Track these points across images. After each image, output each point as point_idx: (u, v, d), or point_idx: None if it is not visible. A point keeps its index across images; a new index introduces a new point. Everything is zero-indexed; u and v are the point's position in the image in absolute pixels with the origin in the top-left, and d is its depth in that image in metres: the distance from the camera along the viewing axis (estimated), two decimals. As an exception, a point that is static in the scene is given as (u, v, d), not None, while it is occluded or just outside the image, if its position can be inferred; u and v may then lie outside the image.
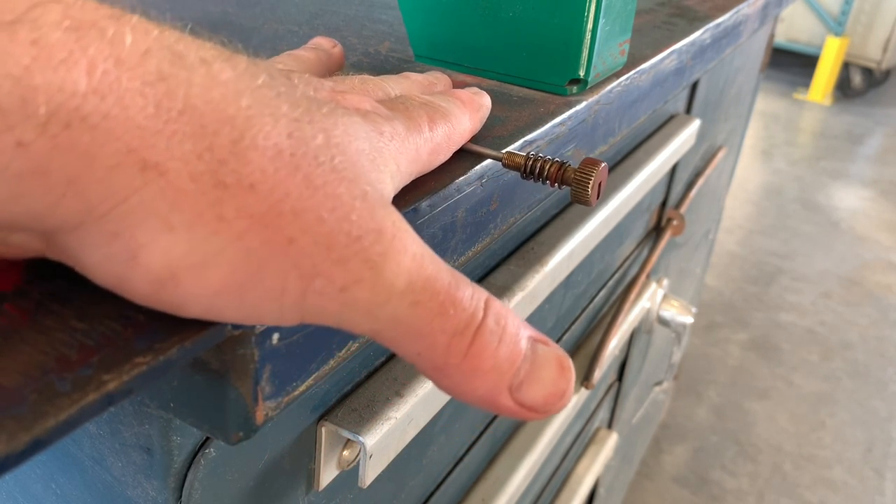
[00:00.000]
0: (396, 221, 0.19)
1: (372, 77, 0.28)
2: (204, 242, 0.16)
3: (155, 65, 0.16)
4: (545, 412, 0.20)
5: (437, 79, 0.33)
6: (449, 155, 0.27)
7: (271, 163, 0.17)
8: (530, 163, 0.27)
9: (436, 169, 0.28)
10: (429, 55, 0.40)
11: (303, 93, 0.20)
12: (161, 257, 0.16)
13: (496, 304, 0.20)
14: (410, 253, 0.18)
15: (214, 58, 0.17)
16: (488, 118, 0.34)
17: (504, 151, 0.28)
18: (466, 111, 0.28)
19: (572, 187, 0.27)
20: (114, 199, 0.15)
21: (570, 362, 0.21)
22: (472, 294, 0.19)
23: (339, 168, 0.18)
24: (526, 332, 0.21)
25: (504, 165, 0.28)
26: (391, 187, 0.21)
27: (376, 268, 0.18)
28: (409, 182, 0.25)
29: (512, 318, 0.20)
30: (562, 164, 0.27)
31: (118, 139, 0.15)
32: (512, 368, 0.20)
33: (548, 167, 0.27)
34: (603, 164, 0.27)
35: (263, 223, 0.16)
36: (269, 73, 0.19)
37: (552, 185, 0.27)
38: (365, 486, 0.32)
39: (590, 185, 0.26)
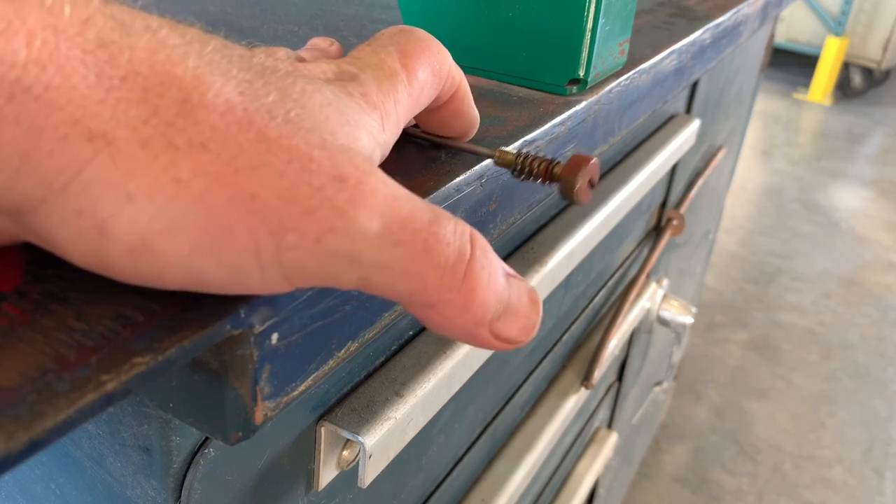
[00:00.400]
0: (361, 165, 0.18)
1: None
2: (166, 207, 0.16)
3: (95, 33, 0.16)
4: (517, 344, 0.21)
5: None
6: (442, 81, 0.26)
7: (222, 119, 0.17)
8: (520, 160, 0.27)
9: (434, 169, 0.28)
10: (428, 55, 0.40)
11: (259, 61, 0.20)
12: (128, 227, 0.16)
13: (480, 237, 0.20)
14: (381, 195, 0.18)
15: (161, 26, 0.18)
16: (488, 118, 0.34)
17: (497, 150, 0.28)
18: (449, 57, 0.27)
19: (560, 184, 0.26)
20: (68, 173, 0.15)
21: (538, 295, 0.21)
22: (454, 228, 0.19)
23: (294, 120, 0.18)
24: (501, 264, 0.21)
25: (495, 163, 0.28)
26: (367, 143, 0.21)
27: (345, 214, 0.17)
28: (406, 123, 0.25)
29: (491, 249, 0.20)
30: (551, 161, 0.27)
31: (62, 109, 0.15)
32: (497, 303, 0.20)
33: (537, 165, 0.27)
34: (592, 160, 0.26)
35: (222, 181, 0.16)
36: (224, 43, 0.19)
37: (544, 183, 0.27)
38: (364, 487, 0.32)
39: (577, 182, 0.26)
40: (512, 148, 0.31)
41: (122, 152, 0.16)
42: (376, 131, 0.22)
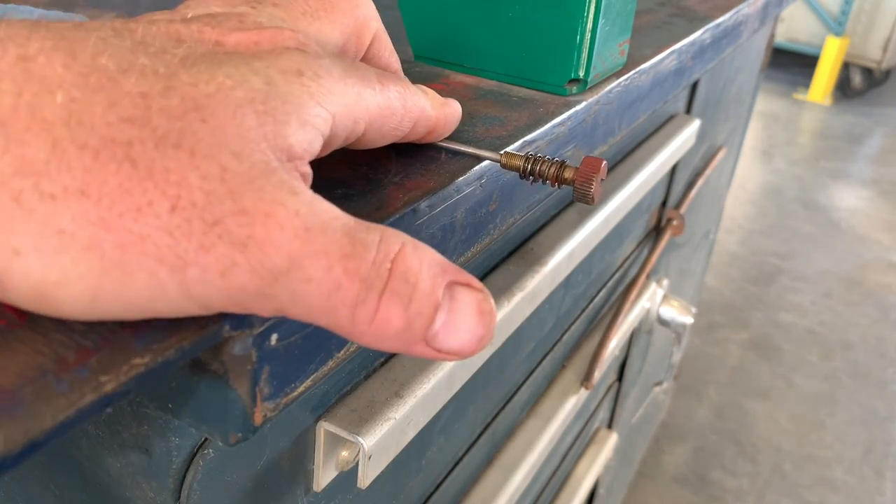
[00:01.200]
0: (268, 195, 0.17)
1: None
2: (55, 259, 0.15)
3: None
4: (462, 356, 0.20)
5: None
6: (405, 129, 0.25)
7: (97, 160, 0.16)
8: (529, 163, 0.27)
9: (434, 170, 0.28)
10: (428, 55, 0.40)
11: (178, 55, 0.18)
12: (22, 280, 0.16)
13: (406, 259, 0.19)
14: (290, 228, 0.17)
15: (41, 50, 0.16)
16: (488, 118, 0.34)
17: (502, 152, 0.28)
18: (427, 98, 0.26)
19: (574, 187, 0.26)
20: None
21: (491, 305, 0.20)
22: (374, 257, 0.18)
23: (188, 145, 0.17)
24: (444, 280, 0.19)
25: (502, 166, 0.28)
26: (302, 137, 0.19)
27: (248, 251, 0.16)
28: (359, 133, 0.23)
29: (427, 268, 0.19)
30: (561, 163, 0.27)
31: None
32: (426, 324, 0.19)
33: (546, 167, 0.27)
34: (603, 162, 0.27)
35: (107, 227, 0.16)
36: (128, 46, 0.18)
37: (553, 186, 0.27)
38: (364, 487, 0.32)
39: (592, 185, 0.26)
40: (513, 149, 0.31)
41: None
42: (320, 121, 0.20)
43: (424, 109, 0.26)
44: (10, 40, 0.16)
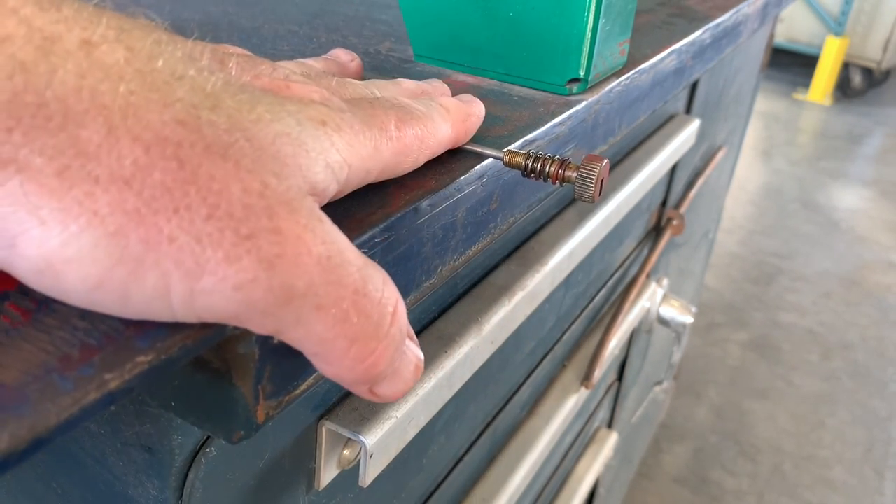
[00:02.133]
0: (302, 219, 0.18)
1: (354, 80, 0.27)
2: (77, 237, 0.16)
3: (12, 53, 0.15)
4: (384, 401, 0.21)
5: (434, 87, 0.32)
6: (422, 160, 0.26)
7: (147, 155, 0.16)
8: (531, 161, 0.27)
9: (436, 168, 0.28)
10: (429, 55, 0.40)
11: (221, 78, 0.19)
12: (37, 249, 0.16)
13: (401, 306, 0.20)
14: (315, 254, 0.18)
15: (104, 39, 0.17)
16: (488, 118, 0.34)
17: (505, 150, 0.28)
18: (449, 119, 0.27)
19: (575, 185, 0.27)
20: None
21: (423, 364, 0.22)
22: (380, 299, 0.19)
23: (235, 157, 0.17)
24: (406, 332, 0.21)
25: (505, 164, 0.28)
26: (324, 177, 0.20)
27: (272, 268, 0.17)
28: (370, 181, 0.24)
29: (406, 319, 0.20)
30: (563, 161, 0.27)
31: None
32: (388, 372, 0.20)
33: (549, 165, 0.27)
34: (605, 161, 0.27)
35: (139, 220, 0.16)
36: (179, 55, 0.18)
37: (554, 183, 0.27)
38: (365, 486, 0.32)
39: (594, 182, 0.26)
40: (514, 148, 0.31)
41: (35, 180, 0.15)
42: (338, 167, 0.21)
43: (443, 139, 0.27)
44: (74, 21, 0.16)
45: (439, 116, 0.27)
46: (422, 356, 0.22)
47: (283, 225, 0.17)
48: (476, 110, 0.30)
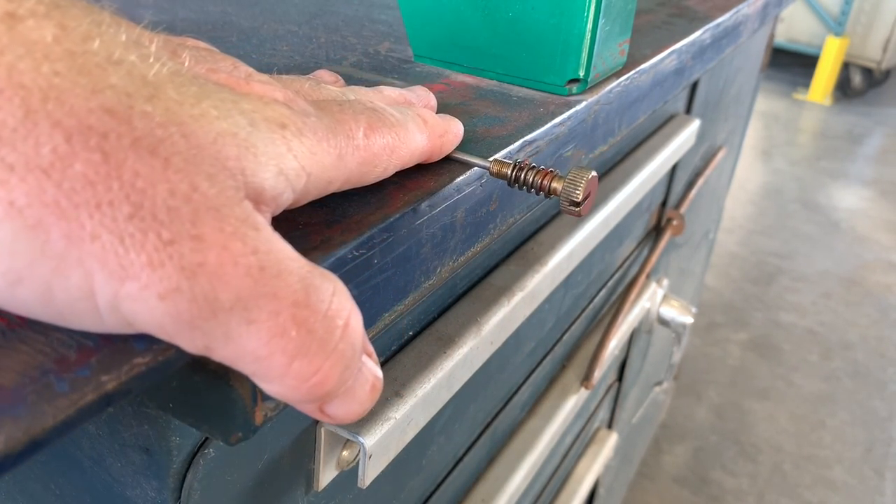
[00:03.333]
0: (229, 227, 0.16)
1: (329, 85, 0.25)
2: None
3: None
4: (337, 422, 0.20)
5: (417, 95, 0.30)
6: (391, 171, 0.25)
7: (69, 143, 0.15)
8: (517, 172, 0.26)
9: (435, 169, 0.28)
10: (428, 55, 0.40)
11: (169, 67, 0.17)
12: None
13: (354, 320, 0.18)
14: (243, 265, 0.16)
15: (31, 13, 0.15)
16: (488, 118, 0.34)
17: (491, 159, 0.27)
18: (425, 131, 0.26)
19: (561, 198, 0.25)
20: None
21: (381, 383, 0.20)
22: (326, 311, 0.17)
23: (164, 154, 0.16)
24: (363, 349, 0.19)
25: (490, 174, 0.27)
26: (275, 184, 0.18)
27: (194, 278, 0.16)
28: (332, 191, 0.22)
29: (361, 334, 0.19)
30: (550, 172, 0.26)
31: None
32: (338, 391, 0.19)
33: (535, 177, 0.26)
34: (592, 173, 0.25)
35: (59, 213, 0.15)
36: (123, 40, 0.17)
37: (538, 194, 0.26)
38: (364, 487, 0.32)
39: (580, 197, 0.25)
40: (511, 149, 0.31)
41: None
42: (294, 175, 0.19)
43: (416, 150, 0.25)
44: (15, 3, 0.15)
45: (414, 125, 0.25)
46: (380, 374, 0.20)
47: (206, 232, 0.16)
48: (454, 128, 0.28)
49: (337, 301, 0.18)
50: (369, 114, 0.23)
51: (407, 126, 0.25)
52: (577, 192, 0.25)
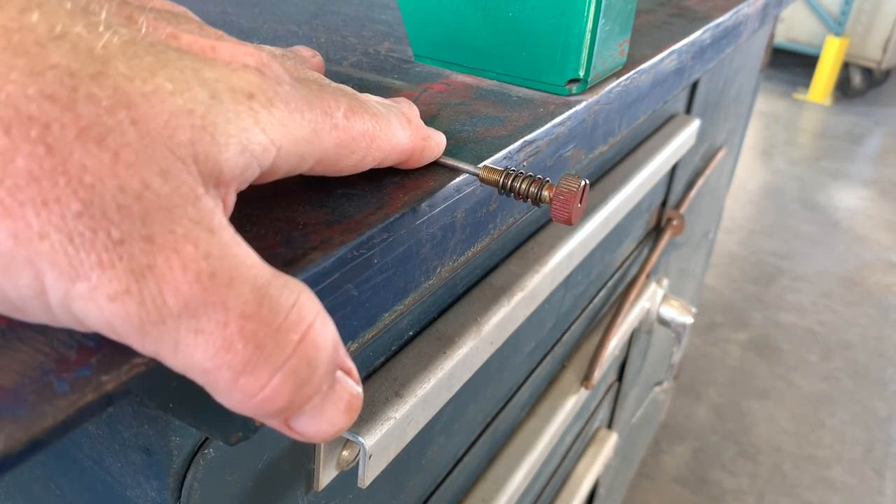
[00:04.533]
0: (180, 228, 0.15)
1: (314, 71, 0.24)
2: None
3: None
4: (310, 440, 0.19)
5: (399, 104, 0.28)
6: (368, 163, 0.23)
7: (8, 137, 0.14)
8: (507, 179, 0.26)
9: (434, 169, 0.28)
10: (428, 55, 0.40)
11: (122, 36, 0.16)
12: None
13: (315, 333, 0.17)
14: (193, 270, 0.15)
15: None
16: (488, 118, 0.34)
17: (481, 166, 0.27)
18: (408, 129, 0.25)
19: (551, 206, 0.25)
20: None
21: (359, 402, 0.19)
22: (279, 325, 0.16)
23: (113, 146, 0.15)
24: (335, 365, 0.18)
25: (480, 181, 0.27)
26: (237, 162, 0.17)
27: (143, 280, 0.15)
28: (304, 169, 0.21)
29: (327, 350, 0.18)
30: (539, 180, 0.25)
31: None
32: (300, 408, 0.17)
33: (525, 185, 0.25)
34: (583, 181, 0.25)
35: (4, 212, 0.14)
36: (68, 8, 0.15)
37: (525, 201, 0.26)
38: (364, 487, 0.32)
39: (570, 205, 0.24)
40: (511, 149, 0.31)
41: None
42: (260, 150, 0.18)
43: (397, 145, 0.24)
44: None
45: (397, 121, 0.24)
46: (358, 391, 0.19)
47: (156, 233, 0.15)
48: (437, 137, 0.27)
49: (295, 313, 0.17)
50: (350, 98, 0.22)
51: (389, 119, 0.24)
52: (568, 200, 0.24)
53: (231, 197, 0.18)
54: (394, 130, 0.24)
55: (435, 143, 0.27)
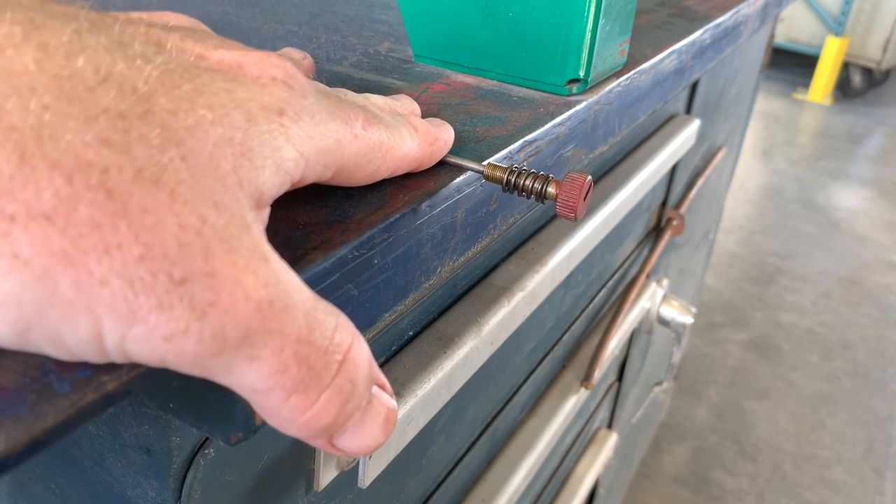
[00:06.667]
0: (241, 259, 0.16)
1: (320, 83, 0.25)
2: (0, 282, 0.14)
3: None
4: (352, 456, 0.20)
5: (402, 104, 0.29)
6: (382, 173, 0.24)
7: (70, 186, 0.14)
8: (512, 176, 0.26)
9: (435, 169, 0.28)
10: (429, 55, 0.40)
11: (158, 66, 0.16)
12: None
13: (354, 353, 0.18)
14: (255, 300, 0.16)
15: (9, 40, 0.14)
16: (488, 118, 0.34)
17: (485, 163, 0.27)
18: (416, 138, 0.26)
19: (556, 202, 0.25)
20: None
21: (396, 416, 0.20)
22: (327, 346, 0.17)
23: (169, 184, 0.15)
24: (372, 381, 0.19)
25: (485, 178, 0.27)
26: (274, 181, 0.18)
27: (205, 318, 0.15)
28: (326, 178, 0.22)
29: (365, 367, 0.18)
30: (544, 177, 0.26)
31: None
32: (343, 424, 0.18)
33: (530, 182, 0.26)
34: (588, 177, 0.25)
35: (67, 261, 0.14)
36: (105, 45, 0.16)
37: (529, 198, 0.26)
38: (365, 487, 0.32)
39: (575, 202, 0.25)
40: (511, 149, 0.31)
41: None
42: (292, 165, 0.19)
43: (407, 156, 0.25)
44: None
45: (407, 132, 0.25)
46: (394, 405, 0.20)
47: (219, 267, 0.15)
48: (444, 135, 0.28)
49: (339, 336, 0.18)
50: (365, 111, 0.23)
51: (400, 130, 0.25)
52: (573, 196, 0.25)
53: (266, 214, 0.19)
54: (404, 141, 0.25)
55: (443, 142, 0.27)
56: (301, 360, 0.17)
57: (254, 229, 0.17)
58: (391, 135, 0.24)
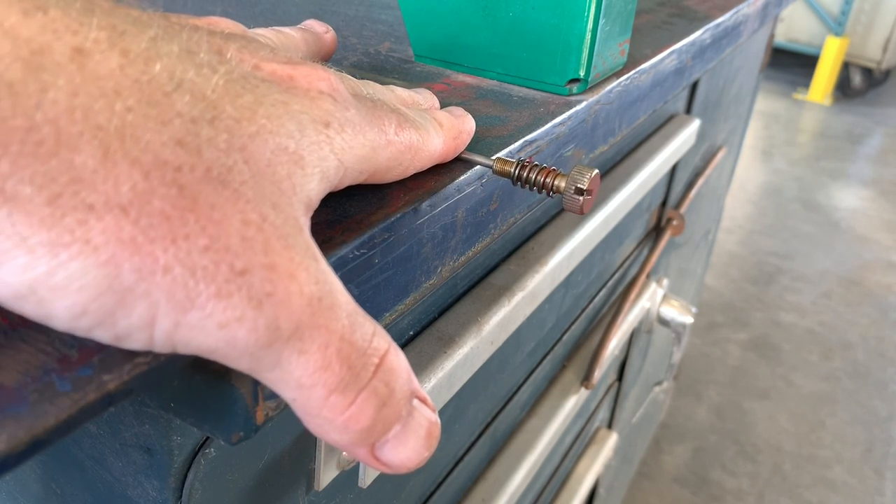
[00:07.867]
0: (297, 256, 0.17)
1: (350, 77, 0.26)
2: (66, 265, 0.14)
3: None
4: (397, 471, 0.20)
5: (423, 97, 0.31)
6: (411, 171, 0.26)
7: (147, 181, 0.15)
8: (520, 170, 0.27)
9: (435, 169, 0.28)
10: (429, 55, 0.40)
11: (223, 75, 0.18)
12: (20, 275, 0.15)
13: (391, 359, 0.19)
14: (307, 296, 0.17)
15: (97, 45, 0.15)
16: (488, 118, 0.34)
17: (494, 158, 0.28)
18: (442, 134, 0.27)
19: (564, 196, 0.26)
20: None
21: (438, 430, 0.20)
22: (366, 348, 0.18)
23: (234, 184, 0.16)
24: (411, 392, 0.20)
25: (494, 172, 0.28)
26: (319, 189, 0.19)
27: (261, 308, 0.16)
28: (360, 181, 0.23)
29: (402, 375, 0.19)
30: (552, 171, 0.26)
31: None
32: (384, 432, 0.19)
33: (538, 175, 0.26)
34: (595, 172, 0.26)
35: (134, 248, 0.15)
36: (177, 52, 0.17)
37: (543, 193, 0.27)
38: (365, 487, 0.32)
39: (582, 194, 0.25)
40: (511, 149, 0.31)
41: (23, 209, 0.14)
42: (333, 173, 0.20)
43: (435, 152, 0.26)
44: (64, 26, 0.15)
45: (433, 129, 0.26)
46: (436, 419, 0.20)
47: (277, 261, 0.16)
48: (467, 126, 0.29)
49: (376, 341, 0.19)
50: (397, 114, 0.24)
51: (428, 129, 0.26)
52: (581, 189, 0.25)
53: (309, 219, 0.19)
54: (432, 140, 0.26)
55: (466, 134, 0.28)
56: (343, 357, 0.17)
57: (306, 231, 0.18)
58: (420, 136, 0.25)
